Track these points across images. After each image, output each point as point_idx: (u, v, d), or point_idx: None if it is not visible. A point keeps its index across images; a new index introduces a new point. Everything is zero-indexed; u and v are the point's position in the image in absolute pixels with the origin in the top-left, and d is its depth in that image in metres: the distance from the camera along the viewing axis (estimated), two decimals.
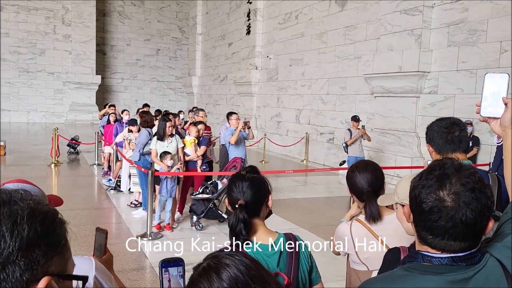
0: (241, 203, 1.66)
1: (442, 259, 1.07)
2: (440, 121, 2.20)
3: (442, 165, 1.10)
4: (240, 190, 1.70)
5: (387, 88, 10.10)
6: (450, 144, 2.12)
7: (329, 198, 8.67)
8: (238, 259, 0.92)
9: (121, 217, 6.70)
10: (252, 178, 1.74)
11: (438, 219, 1.05)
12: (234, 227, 1.64)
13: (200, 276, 0.92)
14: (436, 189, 1.06)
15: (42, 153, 12.38)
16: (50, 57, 23.91)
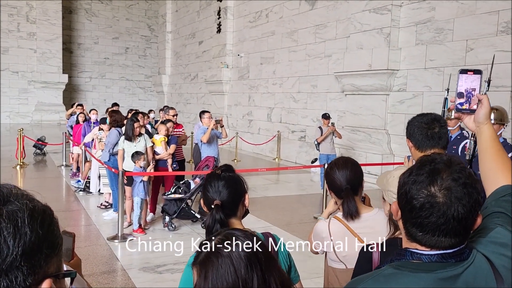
0: (217, 203, 1.62)
1: (431, 256, 1.06)
2: (421, 117, 2.21)
3: (432, 160, 1.08)
4: (216, 190, 1.66)
5: (357, 86, 10.23)
6: (429, 140, 2.14)
7: (301, 196, 8.71)
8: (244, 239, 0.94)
9: (90, 219, 6.53)
10: (228, 177, 1.70)
11: (430, 215, 1.03)
12: (210, 228, 1.60)
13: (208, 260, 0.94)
14: (427, 185, 1.04)
15: (6, 155, 11.95)
16: (14, 55, 23.11)
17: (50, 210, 0.79)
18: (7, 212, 0.70)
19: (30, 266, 0.70)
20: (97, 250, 5.27)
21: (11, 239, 0.68)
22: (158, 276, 4.52)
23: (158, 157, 6.50)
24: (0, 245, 0.67)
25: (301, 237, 5.87)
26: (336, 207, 2.22)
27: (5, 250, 0.68)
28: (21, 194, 0.76)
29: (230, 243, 0.93)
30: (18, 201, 0.73)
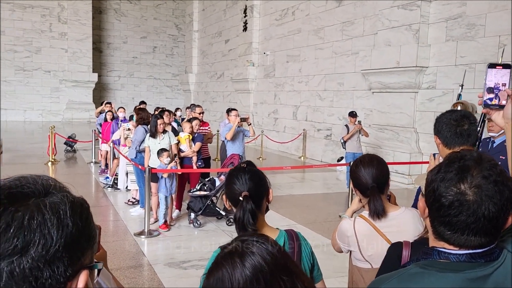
0: (245, 194, 1.61)
1: (460, 256, 1.02)
2: (450, 113, 2.15)
3: (461, 157, 1.05)
4: (243, 182, 1.65)
5: (385, 83, 10.06)
6: (458, 137, 2.07)
7: (326, 194, 8.64)
8: (265, 247, 0.88)
9: (118, 215, 6.66)
10: (253, 171, 1.70)
11: (459, 213, 1.00)
12: (241, 220, 1.58)
13: (224, 259, 0.88)
14: (457, 182, 1.01)
15: (38, 152, 12.32)
16: (46, 55, 23.79)
17: (87, 203, 0.81)
18: (50, 204, 0.72)
19: (70, 257, 0.72)
20: (124, 245, 5.36)
21: (55, 230, 0.70)
22: (183, 272, 4.56)
23: (183, 155, 6.56)
24: (45, 236, 0.69)
25: (326, 235, 5.82)
26: (360, 205, 2.19)
27: (49, 241, 0.69)
28: (59, 186, 0.78)
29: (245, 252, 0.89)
30: (58, 193, 0.75)
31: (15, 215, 0.69)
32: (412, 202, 3.06)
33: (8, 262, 0.67)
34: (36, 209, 0.71)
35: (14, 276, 0.67)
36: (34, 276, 0.68)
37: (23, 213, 0.69)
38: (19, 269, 0.67)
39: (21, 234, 0.68)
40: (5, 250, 0.67)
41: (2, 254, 0.67)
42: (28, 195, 0.73)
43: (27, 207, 0.70)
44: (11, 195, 0.71)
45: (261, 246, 0.88)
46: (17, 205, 0.70)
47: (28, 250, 0.68)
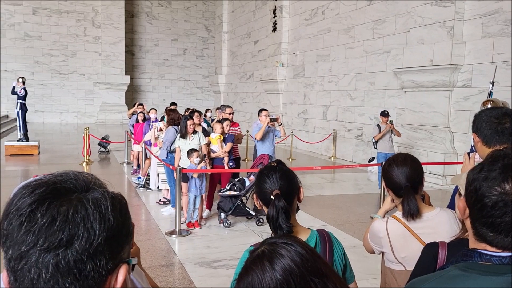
0: (277, 192, 1.59)
1: (503, 258, 0.98)
2: (490, 111, 2.06)
3: (505, 155, 1.00)
4: (274, 181, 1.63)
5: (418, 82, 9.84)
6: (499, 136, 1.98)
7: (357, 195, 8.52)
8: (294, 249, 0.86)
9: (150, 214, 6.77)
10: (284, 170, 1.68)
11: (503, 214, 0.95)
12: (275, 218, 1.56)
13: (253, 263, 0.87)
14: (501, 182, 0.96)
15: (74, 152, 12.68)
16: (81, 58, 24.48)
17: (125, 200, 0.82)
18: (92, 199, 0.74)
19: (111, 251, 0.74)
20: (156, 244, 5.44)
21: (97, 224, 0.72)
22: (213, 271, 4.59)
23: (214, 155, 6.61)
24: (88, 230, 0.71)
25: (357, 236, 5.74)
26: (393, 205, 2.14)
27: (92, 235, 0.71)
28: (99, 183, 0.80)
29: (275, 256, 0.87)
30: (99, 189, 0.77)
31: (60, 209, 0.71)
32: (447, 203, 2.97)
33: (54, 255, 0.69)
34: (80, 204, 0.73)
35: (60, 268, 0.69)
36: (78, 268, 0.70)
37: (67, 207, 0.71)
38: (64, 261, 0.69)
39: (66, 228, 0.70)
40: (51, 242, 0.69)
41: (49, 247, 0.69)
42: (71, 190, 0.75)
43: (70, 201, 0.73)
44: (55, 190, 0.74)
45: (290, 248, 0.86)
46: (61, 200, 0.72)
47: (72, 243, 0.70)
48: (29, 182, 0.77)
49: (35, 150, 12.22)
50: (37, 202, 0.71)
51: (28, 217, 0.70)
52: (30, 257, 0.69)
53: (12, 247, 0.70)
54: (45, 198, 0.72)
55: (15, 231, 0.70)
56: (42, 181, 0.75)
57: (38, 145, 12.42)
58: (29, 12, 23.26)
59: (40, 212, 0.70)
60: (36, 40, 23.48)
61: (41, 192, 0.73)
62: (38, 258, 0.68)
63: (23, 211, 0.70)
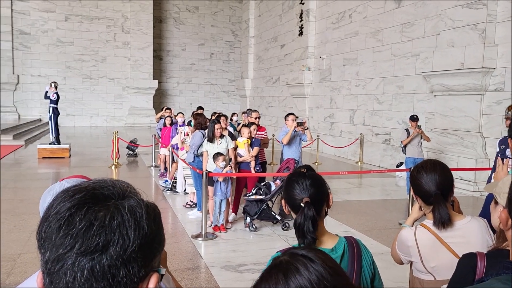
0: (307, 200, 1.58)
1: None
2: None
3: None
4: (304, 188, 1.61)
5: (448, 86, 9.63)
6: None
7: (385, 200, 8.38)
8: (314, 268, 0.82)
9: (177, 217, 6.83)
10: (314, 176, 1.66)
11: None
12: (301, 226, 1.54)
13: (269, 273, 0.85)
14: None
15: (103, 155, 12.94)
16: (110, 63, 25.04)
17: (158, 209, 0.84)
18: (128, 206, 0.76)
19: (143, 259, 0.75)
20: (182, 247, 5.49)
21: (132, 231, 0.73)
22: (239, 275, 4.59)
23: (241, 159, 6.63)
24: (123, 236, 0.72)
25: (385, 243, 5.64)
26: (421, 213, 2.08)
27: (127, 241, 0.72)
28: (134, 191, 0.81)
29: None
30: (135, 197, 0.79)
31: (97, 214, 0.72)
32: (478, 210, 2.87)
33: (90, 259, 0.70)
34: (116, 210, 0.74)
35: (94, 272, 0.70)
36: (112, 274, 0.71)
37: (104, 213, 0.73)
38: (99, 266, 0.70)
39: (102, 233, 0.71)
40: (88, 247, 0.70)
41: (85, 251, 0.70)
42: (108, 197, 0.77)
43: (108, 207, 0.74)
44: (94, 196, 0.76)
45: (309, 265, 0.83)
46: (99, 205, 0.74)
47: (108, 249, 0.71)
48: (69, 187, 0.79)
49: (66, 153, 12.54)
50: (76, 207, 0.73)
51: (67, 221, 0.72)
52: (66, 260, 0.70)
53: (50, 250, 0.71)
54: (84, 203, 0.74)
55: (53, 234, 0.72)
56: (82, 187, 0.77)
57: (69, 148, 12.74)
58: (62, 19, 23.96)
59: (78, 216, 0.72)
60: (68, 46, 24.16)
61: (81, 197, 0.74)
62: (75, 262, 0.70)
63: (62, 215, 0.72)
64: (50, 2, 23.65)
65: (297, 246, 1.36)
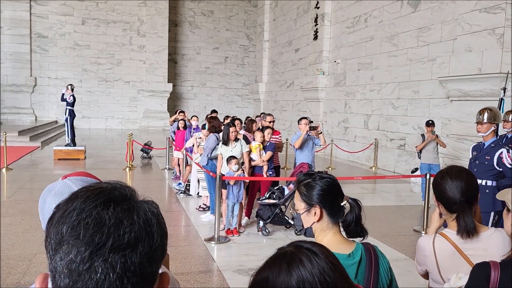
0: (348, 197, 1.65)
1: None
2: None
3: None
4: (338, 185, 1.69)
5: (465, 91, 9.50)
6: None
7: (400, 207, 8.29)
8: (318, 262, 0.84)
9: (190, 220, 6.84)
10: (333, 178, 1.68)
11: None
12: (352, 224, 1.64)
13: (273, 261, 0.87)
14: None
15: (118, 158, 13.05)
16: (126, 66, 25.29)
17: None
18: (147, 206, 0.78)
19: (161, 257, 0.78)
20: (195, 250, 5.49)
21: (155, 230, 0.76)
22: None
23: (253, 164, 6.62)
24: (149, 234, 0.74)
25: (399, 249, 5.57)
26: (442, 221, 2.02)
27: (151, 239, 0.74)
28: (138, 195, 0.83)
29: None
30: (145, 201, 0.80)
31: (125, 212, 0.73)
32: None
33: (122, 255, 0.70)
34: (140, 209, 0.76)
35: (126, 268, 0.70)
36: (141, 271, 0.72)
37: (131, 211, 0.74)
38: (130, 262, 0.71)
39: (132, 230, 0.72)
40: (121, 243, 0.70)
41: (118, 247, 0.70)
42: (127, 197, 0.78)
43: (132, 206, 0.76)
44: (116, 195, 0.77)
45: (313, 259, 0.85)
46: (123, 204, 0.75)
47: (137, 245, 0.72)
48: (86, 186, 0.80)
49: (82, 154, 12.68)
50: (102, 205, 0.73)
51: (95, 219, 0.71)
52: (98, 257, 0.69)
53: (76, 248, 0.70)
54: (109, 201, 0.74)
55: (80, 232, 0.70)
56: (103, 187, 0.78)
57: (84, 150, 12.88)
58: (79, 22, 24.30)
59: (107, 214, 0.72)
60: (85, 49, 24.48)
61: (105, 196, 0.75)
62: (107, 258, 0.69)
63: (88, 213, 0.72)
64: (67, 6, 24.02)
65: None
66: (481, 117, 4.67)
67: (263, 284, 0.85)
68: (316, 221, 1.63)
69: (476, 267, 1.50)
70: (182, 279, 4.51)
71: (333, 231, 1.61)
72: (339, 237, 1.62)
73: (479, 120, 4.70)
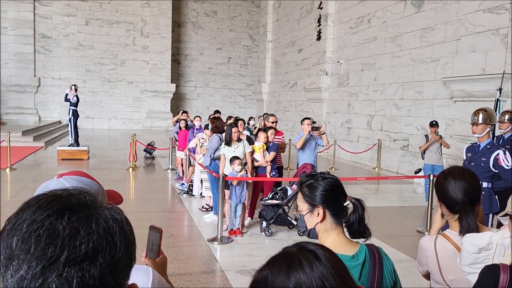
0: (351, 197, 1.64)
1: None
2: None
3: None
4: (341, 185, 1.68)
5: (469, 92, 9.47)
6: None
7: (403, 207, 8.27)
8: (319, 269, 0.83)
9: (193, 221, 6.85)
10: (336, 179, 1.67)
11: None
12: (356, 224, 1.62)
13: (274, 260, 0.87)
14: None
15: (121, 158, 13.07)
16: (129, 67, 25.34)
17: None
18: (109, 213, 0.72)
19: (127, 267, 0.73)
20: (198, 250, 5.49)
21: (118, 238, 0.70)
22: None
23: (257, 164, 6.62)
24: (110, 244, 0.68)
25: (402, 250, 5.56)
26: (444, 222, 2.02)
27: (113, 249, 0.69)
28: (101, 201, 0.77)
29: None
30: (107, 207, 0.75)
31: (81, 221, 0.67)
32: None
33: (79, 268, 0.64)
34: (100, 216, 0.70)
35: (84, 283, 0.64)
36: (102, 284, 0.66)
37: (89, 219, 0.68)
38: (88, 275, 0.65)
39: (90, 240, 0.66)
40: (76, 255, 0.64)
41: (73, 260, 0.64)
42: (86, 204, 0.72)
43: (91, 214, 0.69)
44: (72, 203, 0.70)
45: (313, 262, 0.84)
46: (81, 212, 0.69)
47: (97, 257, 0.66)
48: (39, 194, 0.73)
49: (85, 155, 12.70)
50: (56, 214, 0.67)
51: (47, 230, 0.65)
52: (51, 272, 0.63)
53: (27, 264, 0.63)
54: (63, 209, 0.68)
55: (31, 246, 0.64)
56: (58, 194, 0.72)
57: (87, 150, 12.90)
58: (82, 23, 24.37)
59: (61, 224, 0.65)
60: (88, 50, 24.54)
61: (59, 204, 0.69)
62: (61, 273, 0.63)
63: (40, 224, 0.65)
64: (71, 6, 24.09)
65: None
66: (476, 118, 4.59)
67: (262, 283, 0.85)
68: (319, 222, 1.62)
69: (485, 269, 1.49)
70: (185, 280, 4.51)
71: (336, 231, 1.60)
72: (343, 238, 1.61)
73: (474, 121, 4.62)
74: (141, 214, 6.88)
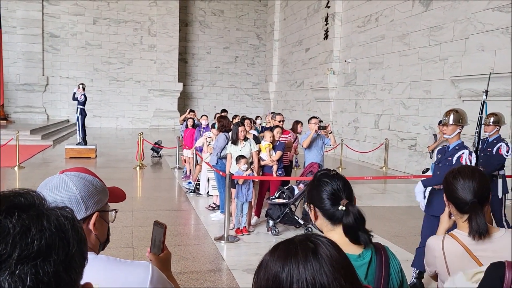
0: (346, 201, 1.56)
1: None
2: None
3: None
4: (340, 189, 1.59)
5: (477, 91, 9.39)
6: None
7: (410, 207, 8.22)
8: (312, 260, 0.83)
9: (199, 219, 6.86)
10: (344, 177, 1.65)
11: None
12: (355, 227, 1.52)
13: (277, 247, 0.89)
14: None
15: (128, 156, 13.13)
16: (137, 66, 25.44)
17: None
18: (59, 211, 0.72)
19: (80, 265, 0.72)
20: (205, 249, 5.50)
21: (70, 235, 0.71)
22: None
23: (263, 163, 6.62)
24: (63, 240, 0.69)
25: (409, 250, 5.53)
26: (452, 222, 2.00)
27: (67, 246, 0.69)
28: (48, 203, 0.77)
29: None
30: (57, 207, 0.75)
31: (32, 218, 0.67)
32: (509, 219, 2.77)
33: (32, 265, 0.64)
34: (50, 214, 0.70)
35: (38, 280, 0.64)
36: (56, 281, 0.66)
37: (40, 216, 0.68)
38: (42, 272, 0.64)
39: (42, 237, 0.66)
40: (29, 252, 0.64)
41: (26, 257, 0.64)
42: (34, 203, 0.72)
43: (42, 212, 0.70)
44: (20, 202, 0.70)
45: (310, 257, 0.83)
46: (30, 211, 0.69)
47: (50, 254, 0.66)
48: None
49: (93, 153, 12.77)
50: (5, 212, 0.66)
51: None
52: (3, 270, 0.62)
53: None
54: (13, 207, 0.68)
55: None
56: (5, 193, 0.72)
57: (95, 149, 12.97)
58: (90, 22, 24.49)
59: (10, 221, 0.65)
60: (96, 49, 24.67)
61: (8, 202, 0.69)
62: (14, 271, 0.62)
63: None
64: (79, 5, 24.23)
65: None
66: (447, 119, 4.48)
67: (261, 266, 0.88)
68: (314, 220, 1.64)
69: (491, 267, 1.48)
70: (192, 278, 4.52)
71: (337, 231, 1.58)
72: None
73: (445, 122, 4.52)
74: (148, 213, 6.91)
